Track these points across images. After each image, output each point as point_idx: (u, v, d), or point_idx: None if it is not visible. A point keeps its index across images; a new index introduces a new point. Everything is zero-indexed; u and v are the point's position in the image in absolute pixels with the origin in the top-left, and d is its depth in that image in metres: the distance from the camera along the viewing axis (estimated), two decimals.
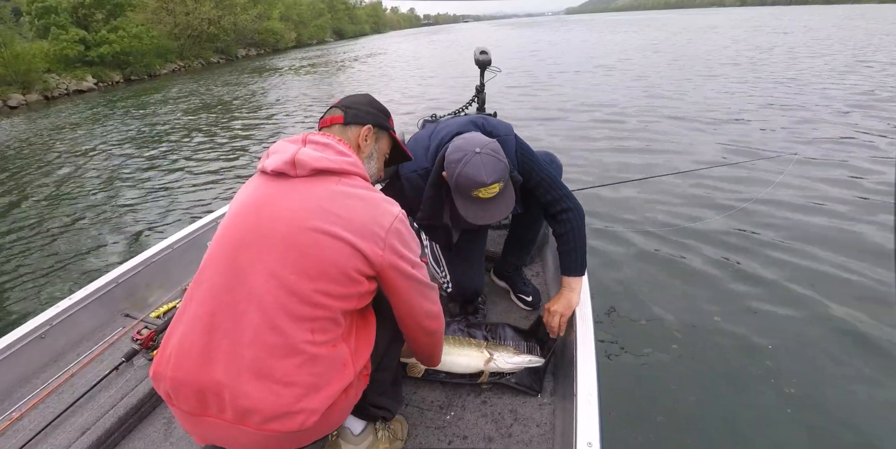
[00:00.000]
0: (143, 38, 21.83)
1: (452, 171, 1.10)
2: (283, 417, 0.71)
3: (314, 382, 0.74)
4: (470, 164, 1.07)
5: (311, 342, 0.73)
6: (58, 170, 6.05)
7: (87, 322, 1.52)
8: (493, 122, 1.29)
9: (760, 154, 4.09)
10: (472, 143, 1.10)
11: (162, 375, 0.75)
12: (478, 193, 1.09)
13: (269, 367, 0.71)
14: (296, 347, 0.72)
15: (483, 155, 1.07)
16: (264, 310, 0.72)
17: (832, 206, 3.11)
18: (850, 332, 1.97)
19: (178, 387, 0.73)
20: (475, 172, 1.06)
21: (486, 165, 1.06)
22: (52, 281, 3.03)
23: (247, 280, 0.73)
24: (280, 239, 0.74)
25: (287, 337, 0.72)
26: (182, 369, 0.72)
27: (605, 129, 5.47)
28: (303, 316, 0.73)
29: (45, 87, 16.50)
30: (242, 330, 0.72)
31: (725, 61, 10.73)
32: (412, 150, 1.24)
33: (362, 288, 0.79)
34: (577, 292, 1.27)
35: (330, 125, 0.94)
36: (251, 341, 0.71)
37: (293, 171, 0.78)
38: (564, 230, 1.29)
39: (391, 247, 0.79)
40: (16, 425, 1.19)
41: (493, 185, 1.07)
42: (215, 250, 0.79)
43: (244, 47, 32.72)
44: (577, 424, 0.89)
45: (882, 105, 5.74)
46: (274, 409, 0.71)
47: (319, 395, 0.74)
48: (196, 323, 0.74)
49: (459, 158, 1.08)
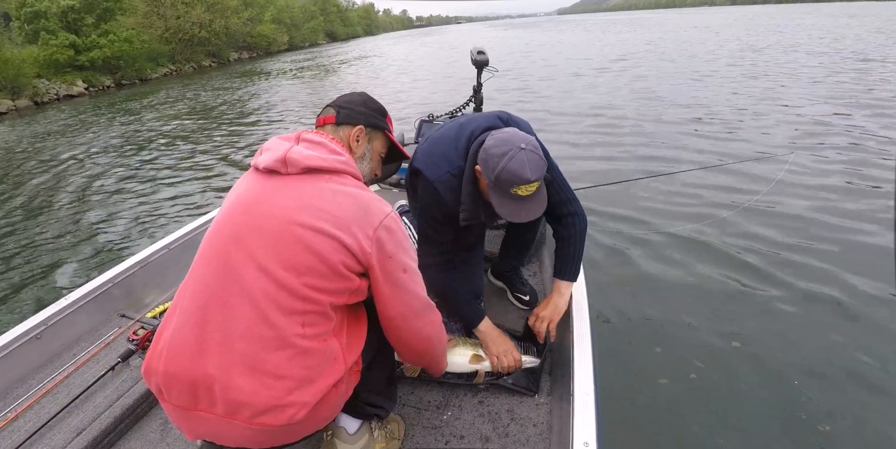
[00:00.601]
0: (134, 42, 21.67)
1: (494, 165, 1.07)
2: (274, 410, 0.72)
3: (305, 375, 0.74)
4: (515, 159, 1.04)
5: (301, 335, 0.74)
6: (38, 177, 6.00)
7: (82, 322, 1.52)
8: (516, 119, 1.28)
9: (758, 154, 4.12)
10: (517, 139, 1.08)
11: (154, 370, 0.75)
12: (517, 190, 1.07)
13: (260, 360, 0.72)
14: (287, 340, 0.73)
15: (528, 151, 1.05)
16: (256, 304, 0.72)
17: (831, 205, 3.13)
18: (848, 332, 1.98)
19: (169, 381, 0.74)
20: (520, 169, 1.04)
21: (530, 162, 1.04)
22: (25, 292, 2.99)
23: (238, 275, 0.74)
24: (270, 235, 0.75)
25: (278, 330, 0.72)
26: (174, 363, 0.73)
27: (602, 129, 5.50)
28: (294, 310, 0.74)
29: (34, 92, 16.32)
30: (234, 323, 0.72)
31: (719, 59, 10.83)
32: (440, 152, 1.23)
33: (352, 284, 0.79)
34: (565, 297, 1.28)
35: (323, 125, 0.95)
36: (243, 335, 0.72)
37: (284, 168, 0.79)
38: (568, 234, 1.29)
39: (379, 245, 0.79)
40: (11, 426, 1.19)
41: (535, 182, 1.06)
42: (207, 246, 0.79)
43: (236, 51, 32.57)
44: (573, 424, 0.90)
45: (883, 103, 5.78)
46: (265, 402, 0.71)
47: (310, 388, 0.75)
48: (188, 317, 0.74)
49: (504, 153, 1.06)
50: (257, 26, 34.15)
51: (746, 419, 1.60)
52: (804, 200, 3.22)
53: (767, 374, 1.78)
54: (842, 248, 2.62)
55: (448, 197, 1.21)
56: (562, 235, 1.31)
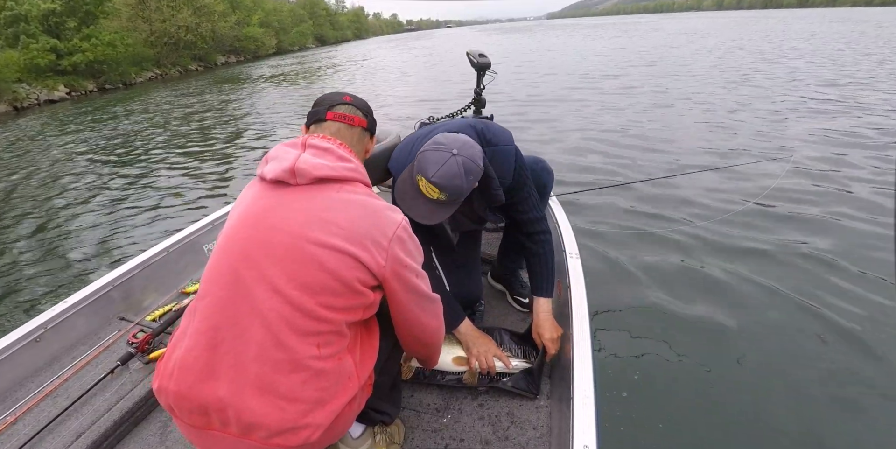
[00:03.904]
0: (118, 45, 21.35)
1: (418, 149, 1.05)
2: (288, 432, 0.71)
3: (320, 397, 0.73)
4: (435, 153, 1.00)
5: (316, 357, 0.73)
6: (24, 181, 5.87)
7: (82, 325, 1.51)
8: (494, 130, 1.22)
9: (757, 155, 4.15)
10: (457, 144, 1.02)
11: (165, 389, 0.74)
12: (419, 181, 1.02)
13: (273, 382, 0.71)
14: (301, 362, 0.72)
15: (455, 157, 0.99)
16: (268, 325, 0.71)
17: (829, 207, 3.14)
18: (848, 332, 1.98)
19: (180, 401, 0.73)
20: (430, 163, 0.99)
21: (446, 167, 0.98)
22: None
23: (250, 294, 0.72)
24: (281, 253, 0.73)
25: (292, 353, 0.71)
26: (185, 384, 0.72)
27: (601, 129, 5.54)
28: (307, 330, 0.72)
29: (14, 97, 15.96)
30: (247, 345, 0.71)
31: (712, 64, 10.98)
32: (403, 150, 1.23)
33: (367, 299, 0.78)
34: (550, 313, 1.29)
35: (355, 125, 0.89)
36: (255, 357, 0.71)
37: (293, 179, 0.76)
38: (543, 251, 1.31)
39: (394, 256, 0.78)
40: (10, 429, 1.18)
41: (436, 188, 1.00)
42: (217, 263, 0.77)
43: (224, 54, 32.27)
44: (573, 427, 0.89)
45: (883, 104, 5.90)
46: (279, 424, 0.70)
47: (325, 409, 0.74)
48: (199, 337, 0.73)
49: (431, 144, 1.03)
50: (244, 29, 33.89)
51: (747, 423, 1.58)
52: (803, 201, 3.24)
53: (771, 377, 1.77)
54: (844, 248, 2.62)
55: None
56: (536, 251, 1.32)
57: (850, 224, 2.92)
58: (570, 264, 1.42)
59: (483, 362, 1.24)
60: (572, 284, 1.34)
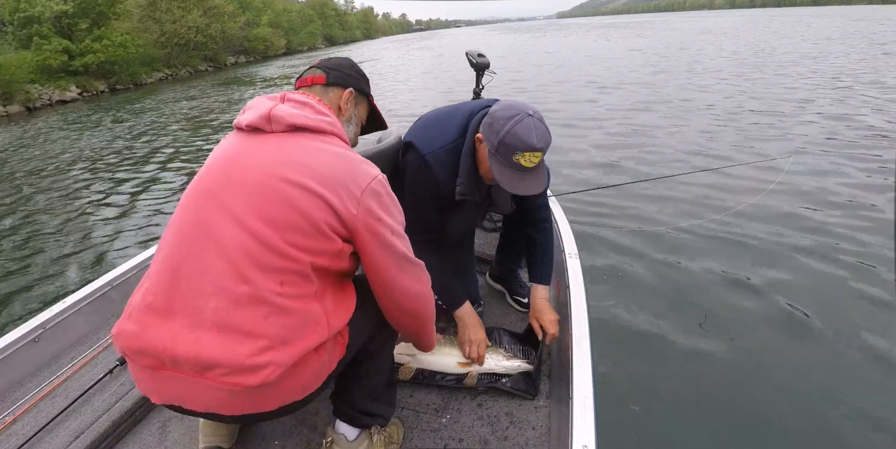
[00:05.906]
0: (129, 46, 21.60)
1: (500, 129, 1.01)
2: (247, 370, 0.67)
3: (283, 335, 0.69)
4: (522, 124, 0.99)
5: (279, 293, 0.69)
6: (32, 181, 5.94)
7: (81, 325, 1.51)
8: None
9: (757, 155, 4.14)
10: (526, 106, 1.03)
11: (122, 331, 0.71)
12: (520, 159, 1.01)
13: (233, 317, 0.67)
14: (263, 296, 0.68)
15: (536, 119, 1.01)
16: (228, 257, 0.68)
17: (827, 208, 3.13)
18: (847, 331, 1.98)
19: (135, 341, 0.69)
20: (526, 134, 0.99)
21: (537, 130, 1.00)
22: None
23: (214, 230, 0.70)
24: (250, 187, 0.71)
25: (254, 286, 0.68)
26: (142, 323, 0.69)
27: (603, 130, 5.53)
28: (271, 266, 0.69)
29: (27, 97, 16.25)
30: (206, 280, 0.68)
31: (720, 64, 10.89)
32: (436, 126, 1.19)
33: (335, 245, 0.74)
34: (548, 299, 1.31)
35: (310, 85, 0.90)
36: (215, 291, 0.68)
37: (268, 126, 0.75)
38: (545, 239, 1.30)
39: (366, 207, 0.75)
40: (9, 430, 1.18)
41: (538, 152, 1.01)
42: (182, 202, 0.76)
43: (233, 55, 32.60)
44: (572, 427, 0.89)
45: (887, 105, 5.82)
46: (237, 360, 0.66)
47: (287, 348, 0.69)
48: (160, 277, 0.71)
49: (511, 116, 1.01)
50: (254, 30, 34.19)
51: (746, 425, 1.58)
52: (802, 202, 3.23)
53: (769, 379, 1.76)
54: (845, 248, 2.62)
55: (438, 172, 1.15)
56: (539, 241, 1.31)
57: (851, 224, 2.89)
58: (569, 264, 1.41)
59: (474, 351, 1.23)
60: (571, 284, 1.32)
